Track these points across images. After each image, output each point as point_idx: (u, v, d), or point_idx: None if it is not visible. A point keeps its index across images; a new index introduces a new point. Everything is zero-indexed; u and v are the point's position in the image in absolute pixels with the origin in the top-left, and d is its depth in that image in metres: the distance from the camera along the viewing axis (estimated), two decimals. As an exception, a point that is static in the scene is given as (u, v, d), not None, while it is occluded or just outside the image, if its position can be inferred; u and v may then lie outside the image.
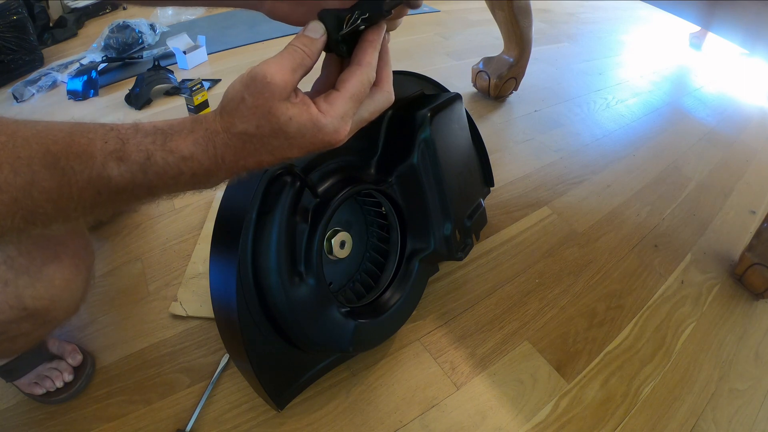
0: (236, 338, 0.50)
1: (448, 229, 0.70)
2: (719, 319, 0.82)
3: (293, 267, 0.53)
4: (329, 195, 0.56)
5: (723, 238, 0.99)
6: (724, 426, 0.66)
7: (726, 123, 1.45)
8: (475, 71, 1.39)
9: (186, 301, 0.74)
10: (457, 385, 0.67)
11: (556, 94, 1.48)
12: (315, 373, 0.63)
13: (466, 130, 0.80)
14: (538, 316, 0.78)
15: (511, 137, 1.25)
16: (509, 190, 1.05)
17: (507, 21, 1.23)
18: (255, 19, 1.88)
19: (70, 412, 0.61)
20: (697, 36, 2.00)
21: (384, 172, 0.65)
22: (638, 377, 0.71)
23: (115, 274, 0.79)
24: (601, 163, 1.18)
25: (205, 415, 0.61)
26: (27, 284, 0.40)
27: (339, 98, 0.32)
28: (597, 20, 2.22)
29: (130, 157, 0.29)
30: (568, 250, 0.91)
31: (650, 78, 1.68)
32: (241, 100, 0.30)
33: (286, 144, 0.31)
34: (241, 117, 0.30)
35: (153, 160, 0.29)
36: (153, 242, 0.85)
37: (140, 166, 0.29)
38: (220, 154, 0.30)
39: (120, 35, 1.49)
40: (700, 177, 1.17)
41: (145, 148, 0.29)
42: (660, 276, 0.88)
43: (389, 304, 0.66)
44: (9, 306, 0.40)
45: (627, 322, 0.79)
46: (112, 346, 0.68)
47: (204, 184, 0.32)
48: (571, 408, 0.66)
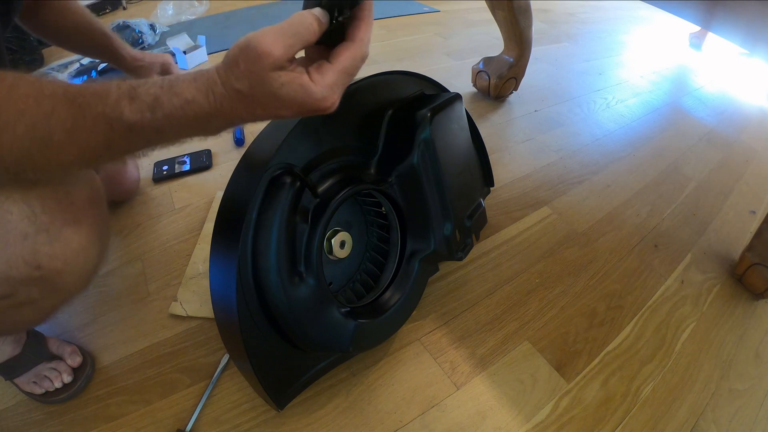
0: (236, 338, 0.50)
1: (448, 229, 0.70)
2: (719, 319, 0.82)
3: (293, 267, 0.53)
4: (329, 195, 0.56)
5: (723, 238, 0.99)
6: (724, 426, 0.66)
7: (726, 123, 1.45)
8: (475, 71, 1.39)
9: (186, 301, 0.74)
10: (457, 385, 0.67)
11: (556, 94, 1.48)
12: (315, 373, 0.63)
13: (466, 130, 0.80)
14: (538, 316, 0.78)
15: (511, 137, 1.25)
16: (509, 190, 1.05)
17: (507, 21, 1.23)
18: (255, 19, 1.88)
19: (69, 412, 0.60)
20: (697, 36, 2.00)
21: (384, 172, 0.65)
22: (638, 377, 0.71)
23: (115, 274, 0.79)
24: (601, 163, 1.18)
25: (205, 415, 0.61)
26: (45, 241, 0.40)
27: (330, 70, 0.35)
28: (597, 20, 2.22)
29: (141, 97, 0.32)
30: (568, 250, 0.91)
31: (650, 78, 1.68)
32: (236, 63, 0.33)
33: (278, 104, 0.34)
34: (236, 77, 0.33)
35: (160, 101, 0.33)
36: (153, 242, 0.85)
37: (149, 105, 0.32)
38: (219, 101, 0.34)
39: (120, 35, 1.48)
40: (700, 177, 1.17)
41: (154, 92, 0.33)
42: (660, 276, 0.88)
43: (389, 304, 0.66)
44: (24, 261, 0.39)
45: (627, 322, 0.79)
46: (112, 346, 0.68)
47: (205, 129, 0.36)
48: (571, 408, 0.66)
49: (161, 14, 1.81)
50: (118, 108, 0.32)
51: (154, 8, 1.83)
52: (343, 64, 0.36)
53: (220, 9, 1.95)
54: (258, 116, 0.36)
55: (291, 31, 0.33)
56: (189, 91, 0.33)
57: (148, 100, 0.33)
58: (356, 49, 0.36)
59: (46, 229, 0.40)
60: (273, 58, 0.32)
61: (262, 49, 0.32)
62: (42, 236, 0.40)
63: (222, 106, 0.34)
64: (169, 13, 1.83)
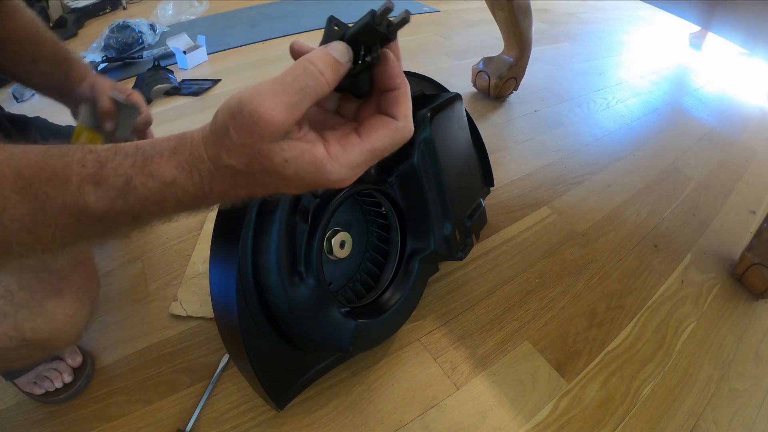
0: (236, 338, 0.50)
1: (448, 229, 0.70)
2: (719, 319, 0.82)
3: (293, 267, 0.53)
4: (329, 195, 0.56)
5: (723, 238, 0.99)
6: (724, 426, 0.66)
7: (726, 123, 1.45)
8: (475, 71, 1.39)
9: (186, 301, 0.74)
10: (457, 385, 0.67)
11: (556, 94, 1.48)
12: (315, 373, 0.63)
13: (466, 130, 0.80)
14: (538, 316, 0.78)
15: (511, 137, 1.25)
16: (509, 190, 1.05)
17: (507, 21, 1.23)
18: (255, 18, 1.88)
19: (70, 412, 0.61)
20: (697, 36, 2.00)
21: (384, 172, 0.65)
22: (638, 377, 0.71)
23: (115, 274, 0.79)
24: (601, 163, 1.18)
25: (205, 415, 0.61)
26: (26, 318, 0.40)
27: (357, 146, 0.27)
28: (597, 20, 2.22)
29: (108, 181, 0.26)
30: (568, 250, 0.91)
31: (650, 78, 1.68)
32: (226, 132, 0.25)
33: (282, 183, 0.27)
34: (227, 151, 0.25)
35: (132, 185, 0.26)
36: (153, 242, 0.85)
37: (119, 191, 0.26)
38: (207, 183, 0.26)
39: (120, 35, 1.49)
40: (700, 177, 1.17)
41: (124, 171, 0.26)
42: (660, 276, 0.88)
43: (389, 304, 0.66)
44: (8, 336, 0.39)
45: (627, 322, 0.79)
46: (112, 346, 0.68)
47: (195, 209, 0.28)
48: (571, 408, 0.66)
49: (161, 14, 1.81)
50: (81, 198, 0.25)
51: (154, 8, 1.83)
52: (376, 145, 0.27)
53: (220, 9, 1.95)
54: (257, 194, 0.28)
55: (295, 85, 0.25)
56: (167, 170, 0.26)
57: (118, 184, 0.25)
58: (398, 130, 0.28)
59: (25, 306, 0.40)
60: (274, 126, 0.24)
61: (260, 115, 0.24)
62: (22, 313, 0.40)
63: (211, 188, 0.27)
64: (169, 13, 1.83)
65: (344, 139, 0.27)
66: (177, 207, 0.27)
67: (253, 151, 0.25)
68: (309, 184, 0.27)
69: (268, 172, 0.26)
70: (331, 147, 0.26)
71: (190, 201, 0.27)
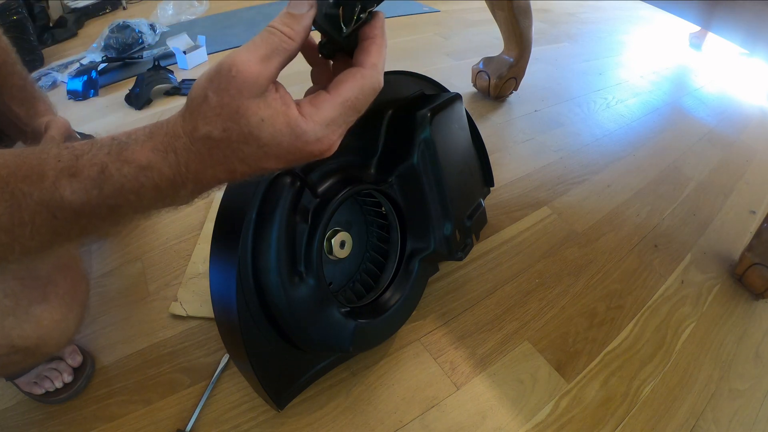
0: (236, 338, 0.50)
1: (448, 229, 0.70)
2: (719, 319, 0.82)
3: (293, 267, 0.53)
4: (329, 195, 0.56)
5: (723, 238, 0.99)
6: (724, 426, 0.66)
7: (726, 123, 1.45)
8: (475, 71, 1.39)
9: (186, 301, 0.74)
10: (457, 385, 0.67)
11: (556, 94, 1.48)
12: (315, 373, 0.63)
13: (466, 130, 0.80)
14: (538, 316, 0.78)
15: (511, 137, 1.25)
16: (509, 190, 1.05)
17: (507, 21, 1.23)
18: (255, 19, 1.88)
19: (69, 412, 0.60)
20: (697, 36, 2.00)
21: (384, 172, 0.65)
22: (638, 377, 0.71)
23: (115, 274, 0.79)
24: (601, 163, 1.18)
25: (205, 415, 0.61)
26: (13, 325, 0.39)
27: (327, 101, 0.27)
28: (597, 20, 2.22)
29: (83, 172, 0.25)
30: (568, 250, 0.91)
31: (650, 78, 1.68)
32: (204, 98, 0.25)
33: (260, 152, 0.26)
34: (204, 118, 0.25)
35: (108, 173, 0.25)
36: (153, 242, 0.85)
37: (94, 181, 0.25)
38: (183, 161, 0.26)
39: (120, 35, 1.49)
40: (700, 177, 1.17)
41: (99, 160, 0.25)
42: (660, 276, 0.88)
43: (389, 304, 0.66)
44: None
45: (627, 322, 0.79)
46: (112, 346, 0.68)
47: (173, 199, 0.28)
48: (571, 408, 0.66)
49: (161, 14, 1.81)
50: (57, 191, 0.25)
51: (154, 8, 1.83)
52: (346, 95, 0.27)
53: (220, 9, 1.95)
54: (236, 173, 0.27)
55: (266, 41, 0.26)
56: (143, 153, 0.25)
57: (93, 173, 0.25)
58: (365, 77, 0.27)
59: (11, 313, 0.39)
60: (251, 77, 0.24)
61: (237, 68, 0.24)
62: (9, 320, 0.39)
63: (188, 168, 0.26)
64: (169, 13, 1.83)
65: (315, 98, 0.27)
66: (154, 194, 0.26)
67: (230, 111, 0.25)
68: (287, 150, 0.27)
69: (245, 138, 0.25)
70: (303, 107, 0.27)
71: (167, 185, 0.26)
